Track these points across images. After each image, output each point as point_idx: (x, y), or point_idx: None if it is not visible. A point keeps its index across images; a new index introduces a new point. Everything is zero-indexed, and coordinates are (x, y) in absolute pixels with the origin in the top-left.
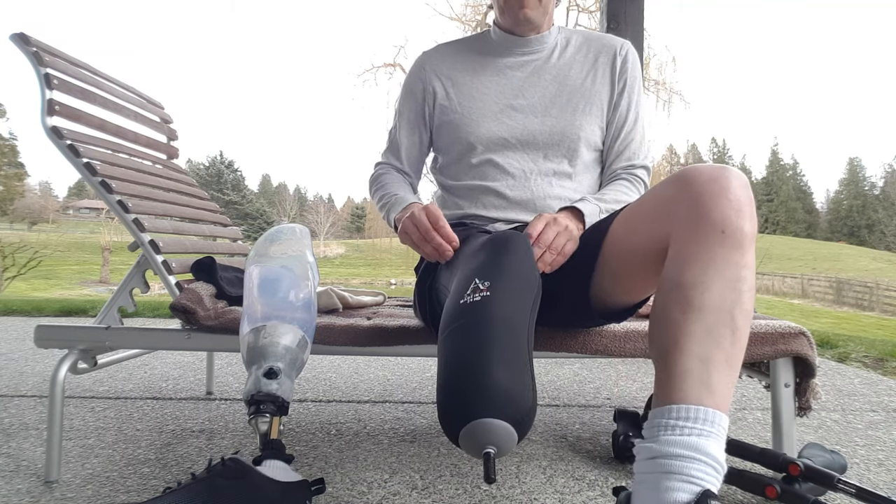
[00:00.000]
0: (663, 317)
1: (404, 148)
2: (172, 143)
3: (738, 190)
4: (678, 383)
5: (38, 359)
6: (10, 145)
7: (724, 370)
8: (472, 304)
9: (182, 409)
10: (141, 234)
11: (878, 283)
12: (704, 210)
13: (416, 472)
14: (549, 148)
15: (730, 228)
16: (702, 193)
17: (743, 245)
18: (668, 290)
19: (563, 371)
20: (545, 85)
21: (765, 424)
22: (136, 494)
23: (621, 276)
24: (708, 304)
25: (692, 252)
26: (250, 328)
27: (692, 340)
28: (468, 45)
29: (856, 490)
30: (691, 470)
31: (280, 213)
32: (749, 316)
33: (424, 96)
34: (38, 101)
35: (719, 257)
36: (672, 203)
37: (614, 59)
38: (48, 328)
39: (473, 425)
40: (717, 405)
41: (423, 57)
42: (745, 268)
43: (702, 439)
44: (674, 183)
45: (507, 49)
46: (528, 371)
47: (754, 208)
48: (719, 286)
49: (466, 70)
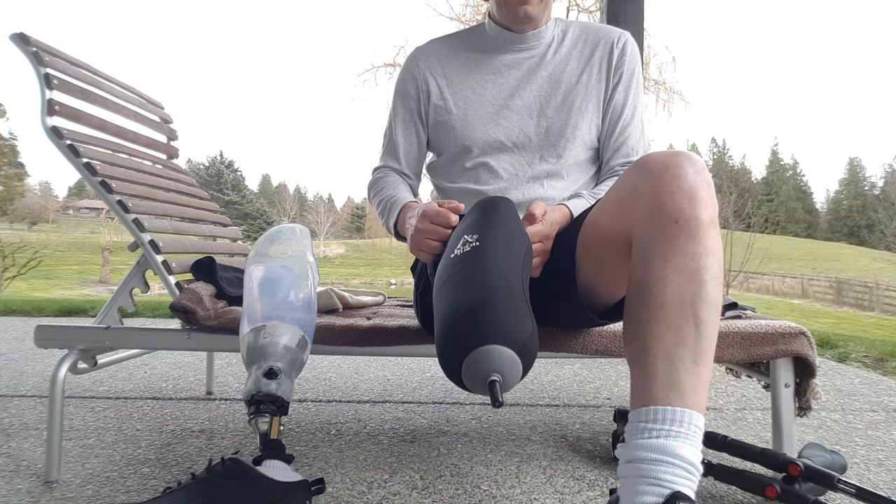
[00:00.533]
0: (630, 316)
1: (402, 148)
2: (172, 143)
3: (690, 176)
4: (646, 385)
5: (38, 359)
6: (10, 145)
7: (691, 367)
8: (462, 255)
9: (182, 409)
10: (141, 234)
11: (878, 283)
12: (658, 201)
13: (416, 472)
14: (544, 149)
15: (683, 218)
16: (654, 183)
17: (699, 234)
18: (632, 287)
19: (563, 371)
20: (541, 83)
21: (765, 424)
22: (136, 494)
23: (599, 270)
24: (668, 300)
25: (650, 246)
26: (250, 328)
27: (656, 340)
28: (462, 41)
29: (856, 490)
30: (659, 473)
31: (280, 213)
32: (715, 307)
33: (419, 94)
34: (38, 101)
35: (676, 249)
36: (630, 195)
37: (611, 51)
38: (48, 328)
39: (476, 354)
40: (685, 404)
41: (415, 53)
42: (704, 256)
43: (669, 440)
44: (631, 173)
45: (502, 45)
46: (524, 304)
47: (712, 192)
48: (679, 280)
49: (461, 68)
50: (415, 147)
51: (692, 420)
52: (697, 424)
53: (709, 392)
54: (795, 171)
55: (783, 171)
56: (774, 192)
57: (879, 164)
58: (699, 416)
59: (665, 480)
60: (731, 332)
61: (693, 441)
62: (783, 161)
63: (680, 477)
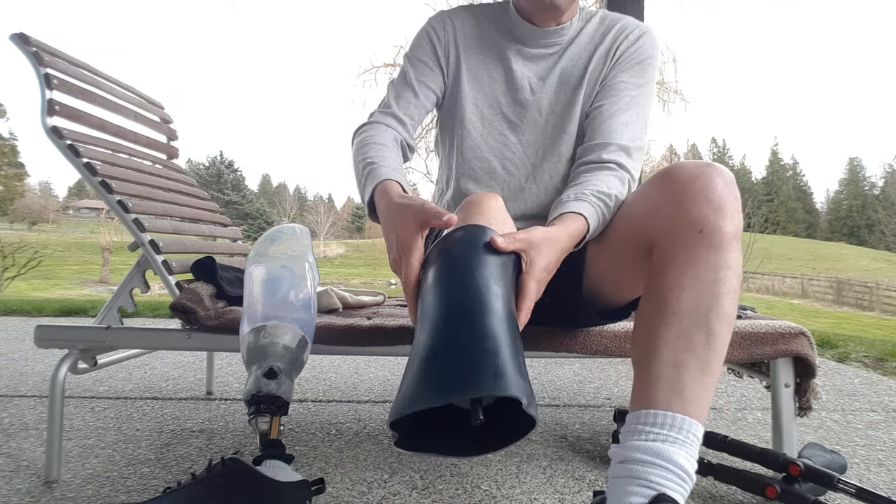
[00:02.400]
0: (641, 320)
1: (413, 102)
2: (172, 143)
3: (720, 188)
4: (649, 388)
5: (38, 359)
6: (10, 145)
7: (697, 376)
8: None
9: (182, 409)
10: (141, 234)
11: (878, 283)
12: (683, 210)
13: (416, 472)
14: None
15: (708, 228)
16: (681, 192)
17: (722, 245)
18: (648, 292)
19: (563, 371)
20: (553, 79)
21: (765, 424)
22: (136, 494)
23: (610, 274)
24: (683, 308)
25: (671, 254)
26: (250, 328)
27: (665, 345)
28: (489, 18)
29: (856, 490)
30: (650, 475)
31: (280, 213)
32: (728, 320)
33: (446, 46)
34: (38, 101)
35: (697, 259)
36: (655, 202)
37: (621, 39)
38: (48, 328)
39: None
40: (687, 412)
41: (442, 14)
42: (724, 269)
43: (666, 445)
44: (657, 181)
45: (522, 37)
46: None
47: (739, 206)
48: (695, 289)
49: (480, 51)
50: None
51: (691, 429)
52: (696, 434)
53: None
54: (795, 171)
55: (783, 171)
56: (774, 192)
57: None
58: (699, 426)
59: (655, 483)
60: (732, 332)
61: (690, 450)
62: (783, 161)
63: (672, 482)
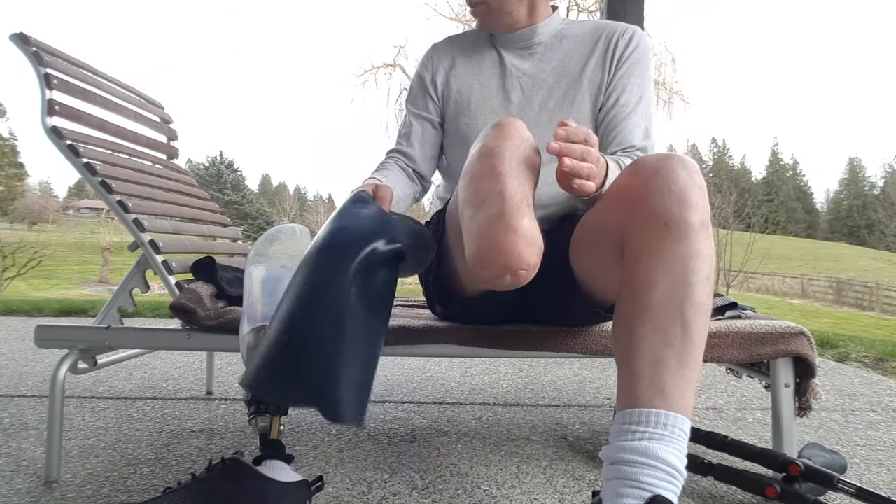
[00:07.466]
0: (619, 316)
1: (416, 134)
2: (172, 143)
3: (682, 179)
4: (632, 387)
5: (38, 359)
6: (10, 145)
7: (676, 370)
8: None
9: (182, 409)
10: (141, 234)
11: (878, 283)
12: (648, 203)
13: (416, 472)
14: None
15: (672, 220)
16: (644, 186)
17: (689, 236)
18: (623, 288)
19: (563, 371)
20: (544, 78)
21: (765, 424)
22: (136, 494)
23: (591, 268)
24: (656, 303)
25: (640, 248)
26: (250, 328)
27: (643, 342)
28: (472, 37)
29: (856, 490)
30: (640, 476)
31: (280, 213)
32: (704, 310)
33: (434, 80)
34: (38, 101)
35: (665, 252)
36: (623, 197)
37: (615, 41)
38: (48, 328)
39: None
40: (670, 406)
41: (432, 48)
42: (693, 259)
43: (653, 443)
44: (624, 176)
45: (504, 43)
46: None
47: (704, 195)
48: (667, 282)
49: (469, 61)
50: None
51: (676, 423)
52: (682, 428)
53: (709, 392)
54: (795, 171)
55: (783, 171)
56: (774, 192)
57: (879, 164)
58: (684, 420)
59: (646, 483)
60: (731, 332)
61: (677, 445)
62: (783, 161)
63: (662, 480)
